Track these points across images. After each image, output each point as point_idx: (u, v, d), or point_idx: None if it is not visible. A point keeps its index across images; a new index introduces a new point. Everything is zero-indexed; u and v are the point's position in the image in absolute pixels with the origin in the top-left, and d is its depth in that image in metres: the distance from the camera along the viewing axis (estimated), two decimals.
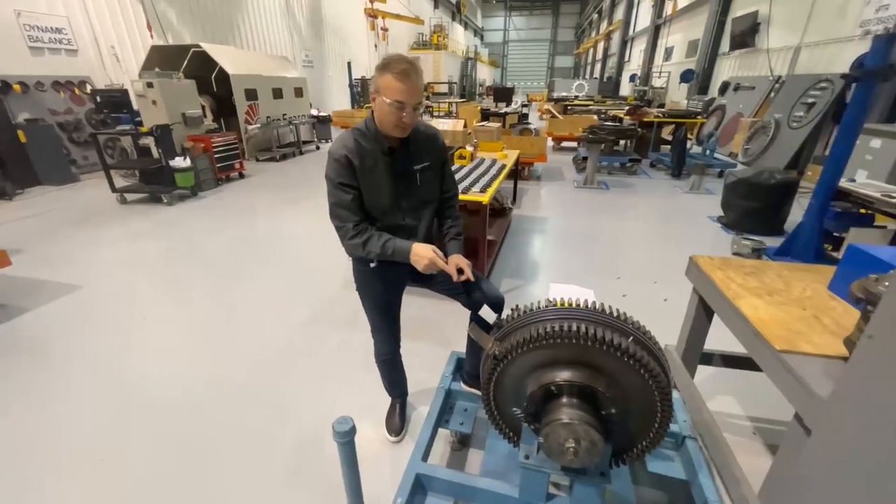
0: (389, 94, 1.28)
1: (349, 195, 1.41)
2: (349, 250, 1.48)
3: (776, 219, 4.47)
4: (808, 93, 7.17)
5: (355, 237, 1.43)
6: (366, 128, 1.42)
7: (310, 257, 3.94)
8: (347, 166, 1.38)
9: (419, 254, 1.43)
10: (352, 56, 15.02)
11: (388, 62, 1.29)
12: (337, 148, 1.38)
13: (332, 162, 1.38)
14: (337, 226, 1.45)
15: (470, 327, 1.27)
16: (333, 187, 1.39)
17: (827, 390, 0.98)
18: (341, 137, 1.41)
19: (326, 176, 1.40)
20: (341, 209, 1.42)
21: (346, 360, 2.46)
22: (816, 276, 1.59)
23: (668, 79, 15.15)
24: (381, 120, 1.37)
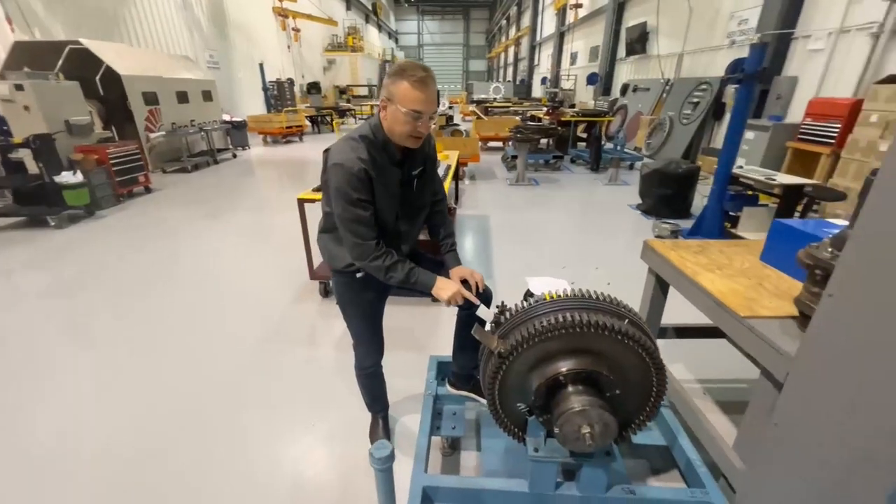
0: (405, 103, 1.22)
1: (367, 211, 1.31)
2: (367, 269, 1.39)
3: (684, 203, 5.07)
4: (693, 94, 8.27)
5: (377, 259, 1.34)
6: (374, 136, 1.31)
7: (245, 275, 3.60)
8: (366, 180, 1.28)
9: (444, 287, 1.40)
10: (263, 57, 14.05)
11: (404, 69, 1.21)
12: (350, 160, 1.25)
13: (346, 175, 1.25)
14: (354, 243, 1.33)
15: (474, 329, 1.25)
16: (350, 203, 1.27)
17: (793, 347, 1.13)
18: (349, 146, 1.29)
19: (338, 190, 1.27)
20: (361, 226, 1.31)
21: (313, 378, 2.29)
22: (747, 249, 1.82)
23: (576, 81, 16.46)
24: (392, 129, 1.29)
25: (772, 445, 1.18)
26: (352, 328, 1.61)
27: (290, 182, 7.11)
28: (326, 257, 1.51)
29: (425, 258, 1.63)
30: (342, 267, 1.46)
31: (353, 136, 1.32)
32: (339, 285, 1.53)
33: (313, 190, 2.95)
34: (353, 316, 1.58)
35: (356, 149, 1.28)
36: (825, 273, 1.11)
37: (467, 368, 1.68)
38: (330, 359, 2.46)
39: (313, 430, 1.95)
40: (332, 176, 1.28)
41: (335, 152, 1.30)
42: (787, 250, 1.59)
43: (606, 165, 7.58)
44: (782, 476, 1.16)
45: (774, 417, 1.17)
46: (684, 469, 1.49)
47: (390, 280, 1.37)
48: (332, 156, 1.29)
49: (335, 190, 1.28)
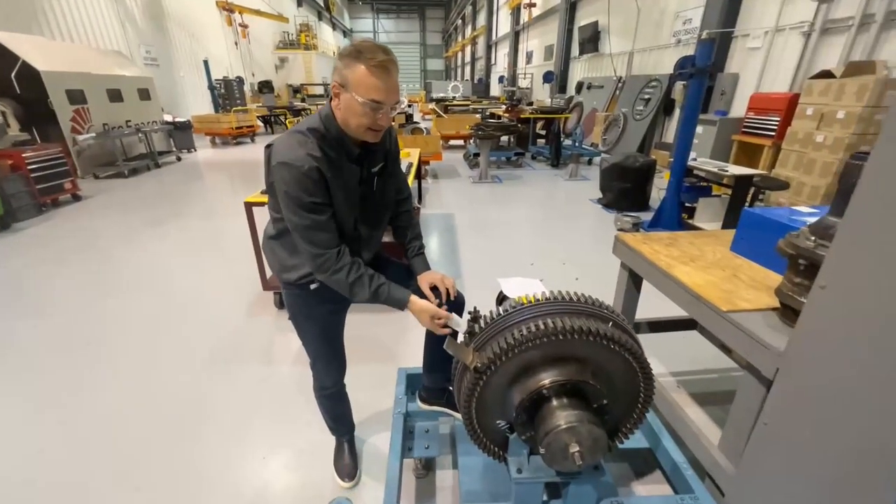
0: (363, 92, 1.04)
1: (325, 214, 1.13)
2: (328, 283, 1.20)
3: (642, 196, 5.19)
4: (644, 90, 8.56)
5: (339, 272, 1.15)
6: (325, 130, 1.12)
7: (191, 288, 3.27)
8: (319, 181, 1.09)
9: (421, 309, 1.23)
10: (208, 54, 13.20)
11: (360, 50, 1.02)
12: (299, 157, 1.06)
13: (296, 176, 1.06)
14: (314, 253, 1.14)
15: (447, 342, 1.11)
16: (302, 207, 1.09)
17: (780, 341, 1.08)
18: (297, 142, 1.09)
19: (288, 194, 1.08)
20: (318, 232, 1.13)
21: (270, 400, 2.07)
22: (717, 240, 1.80)
23: (532, 80, 16.73)
24: (347, 121, 1.10)
25: (762, 445, 1.13)
26: (308, 346, 1.42)
27: (241, 185, 6.67)
28: (276, 268, 1.32)
29: (390, 263, 1.47)
30: (295, 279, 1.27)
31: (301, 130, 1.12)
32: (291, 299, 1.35)
33: (262, 192, 2.70)
34: (308, 332, 1.39)
35: (305, 144, 1.09)
36: (809, 262, 1.06)
37: (440, 382, 1.54)
38: (288, 376, 2.24)
39: (271, 459, 1.74)
40: (277, 177, 1.08)
41: (280, 149, 1.09)
42: (757, 239, 1.57)
43: (566, 161, 7.69)
44: (774, 476, 1.11)
45: (763, 416, 1.11)
46: (670, 473, 1.42)
47: (355, 297, 1.19)
48: (277, 153, 1.09)
49: (284, 194, 1.09)
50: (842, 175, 1.05)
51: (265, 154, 1.15)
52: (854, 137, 4.18)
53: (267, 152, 1.14)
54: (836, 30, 4.94)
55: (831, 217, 1.07)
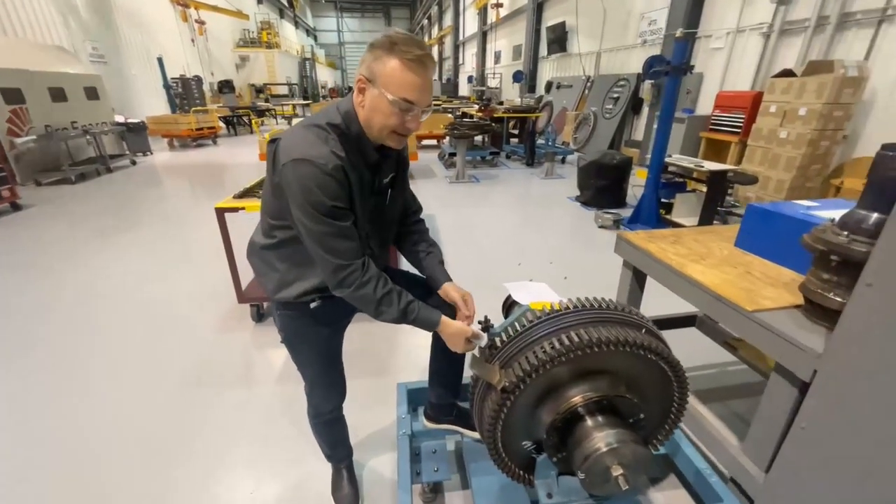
0: (394, 89, 0.91)
1: (348, 220, 0.98)
2: (351, 300, 1.04)
3: (620, 193, 5.26)
4: (613, 89, 8.75)
5: (366, 285, 1.00)
6: (347, 129, 0.98)
7: (157, 303, 2.99)
8: (344, 183, 0.95)
9: (455, 332, 1.09)
10: (162, 51, 12.42)
11: (394, 41, 0.90)
12: (322, 155, 0.92)
13: (318, 175, 0.91)
14: (336, 265, 0.99)
15: (472, 362, 0.99)
16: (326, 214, 0.94)
17: (816, 342, 1.03)
18: (317, 137, 0.95)
19: (307, 196, 0.92)
20: (342, 240, 0.98)
21: (253, 426, 1.88)
22: (718, 236, 1.78)
23: (501, 79, 16.83)
24: (370, 121, 0.97)
25: (798, 450, 1.08)
26: (305, 371, 1.27)
27: (204, 191, 6.28)
28: (271, 284, 1.13)
29: (398, 275, 1.34)
30: (294, 297, 1.11)
31: (319, 124, 0.97)
32: (286, 320, 1.18)
33: (235, 196, 2.48)
34: (306, 356, 1.24)
35: (327, 140, 0.95)
36: (842, 259, 1.02)
37: (448, 398, 1.43)
38: (271, 397, 2.06)
39: (261, 494, 1.57)
40: (292, 177, 0.92)
41: (294, 145, 0.94)
42: (763, 235, 1.55)
43: (541, 160, 7.73)
44: (811, 483, 1.06)
45: (800, 420, 1.06)
46: (693, 480, 1.37)
47: (381, 315, 1.04)
48: (290, 148, 0.93)
49: (300, 197, 0.92)
50: (873, 167, 1.01)
51: (269, 150, 1.00)
52: (815, 133, 4.38)
53: (272, 148, 0.98)
54: (793, 31, 5.18)
55: (861, 210, 1.03)
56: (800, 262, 1.39)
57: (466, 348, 1.09)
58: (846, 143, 4.62)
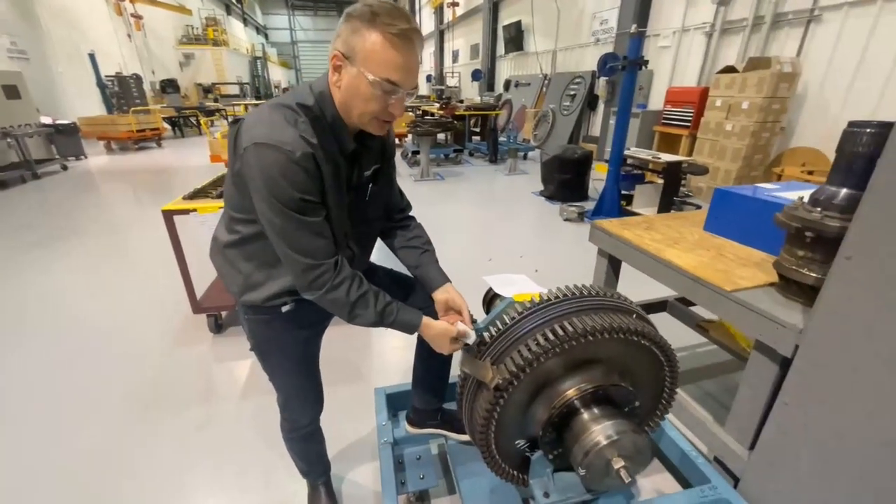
0: (375, 68, 0.80)
1: (319, 216, 0.87)
2: (322, 303, 0.93)
3: (582, 186, 5.38)
4: (569, 87, 8.97)
5: (339, 288, 0.90)
6: (320, 112, 0.87)
7: (99, 318, 2.70)
8: (314, 172, 0.84)
9: (438, 334, 0.99)
10: (94, 47, 11.43)
11: (376, 12, 0.78)
12: (288, 139, 0.80)
13: (284, 163, 0.79)
14: (305, 265, 0.88)
15: (462, 361, 0.93)
16: (293, 208, 0.83)
17: (796, 318, 1.05)
18: (284, 119, 0.82)
19: (272, 186, 0.81)
20: (311, 237, 0.87)
21: (215, 448, 1.71)
22: (687, 221, 1.82)
23: (460, 78, 16.89)
24: (348, 104, 0.86)
25: (782, 425, 1.10)
26: (279, 382, 1.15)
27: (149, 196, 5.82)
28: (236, 286, 1.01)
29: (379, 272, 1.24)
30: (263, 300, 0.99)
31: (287, 104, 0.85)
32: (255, 326, 1.06)
33: (185, 198, 2.28)
34: (280, 365, 1.12)
35: (296, 123, 0.83)
36: (816, 234, 1.04)
37: (433, 402, 1.35)
38: (235, 415, 1.89)
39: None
40: (254, 164, 0.80)
41: (257, 126, 0.82)
42: (731, 218, 1.59)
43: (504, 157, 7.80)
44: (797, 457, 1.08)
45: (783, 396, 1.08)
46: (678, 462, 1.37)
47: (356, 319, 0.94)
48: (252, 132, 0.81)
49: (264, 188, 0.81)
50: (840, 145, 1.04)
51: (230, 133, 0.87)
52: (757, 125, 4.67)
53: (234, 130, 0.86)
54: (733, 30, 5.51)
55: (831, 187, 1.06)
56: (768, 242, 1.44)
57: (453, 349, 1.01)
58: (783, 135, 4.97)
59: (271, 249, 0.90)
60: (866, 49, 4.08)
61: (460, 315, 1.06)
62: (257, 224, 0.89)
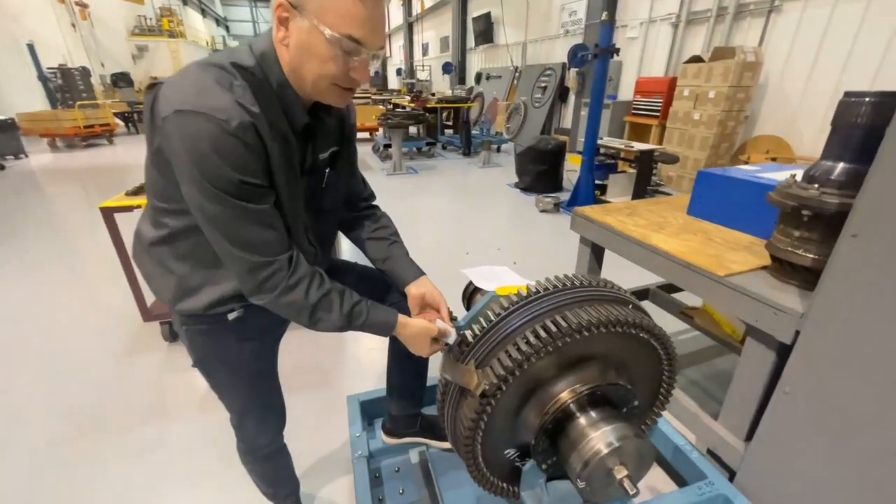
0: (335, 22, 0.64)
1: (266, 203, 0.72)
2: (275, 309, 0.78)
3: (556, 177, 5.36)
4: (540, 79, 8.97)
5: (295, 289, 0.76)
6: (263, 76, 0.70)
7: (31, 333, 2.42)
8: (257, 148, 0.68)
9: (416, 333, 0.87)
10: (33, 37, 10.55)
11: None
12: (221, 105, 0.64)
13: (216, 135, 0.63)
14: (252, 263, 0.73)
15: (443, 365, 0.81)
16: (229, 191, 0.67)
17: (795, 302, 0.98)
18: (215, 80, 0.66)
19: (200, 166, 0.65)
20: (257, 230, 0.72)
21: (169, 470, 1.53)
22: (670, 206, 1.76)
23: (431, 71, 16.68)
24: (300, 66, 0.70)
25: (782, 416, 1.04)
26: (229, 401, 0.99)
27: (98, 196, 5.35)
28: (167, 292, 0.84)
29: (345, 269, 1.10)
30: (203, 308, 0.83)
31: (218, 63, 0.68)
32: (196, 338, 0.89)
33: (128, 193, 2.05)
34: (230, 382, 0.96)
35: (230, 86, 0.66)
36: (814, 213, 0.98)
37: (410, 408, 1.23)
38: (193, 430, 1.71)
39: None
40: (177, 137, 0.64)
41: (181, 88, 0.65)
42: (716, 200, 1.54)
43: (478, 149, 7.72)
44: (800, 448, 1.02)
45: (784, 384, 1.02)
46: (671, 458, 1.31)
47: (319, 324, 0.80)
48: (175, 95, 0.65)
49: (193, 167, 0.65)
50: (836, 116, 0.98)
51: (146, 101, 0.70)
52: (723, 114, 4.76)
53: (150, 97, 0.69)
54: (698, 20, 5.60)
55: (827, 162, 1.00)
56: (755, 224, 1.39)
57: (433, 350, 0.89)
58: (747, 124, 5.09)
59: (210, 245, 0.75)
60: (824, 38, 4.20)
61: (439, 312, 0.94)
62: (189, 215, 0.73)
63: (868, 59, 3.88)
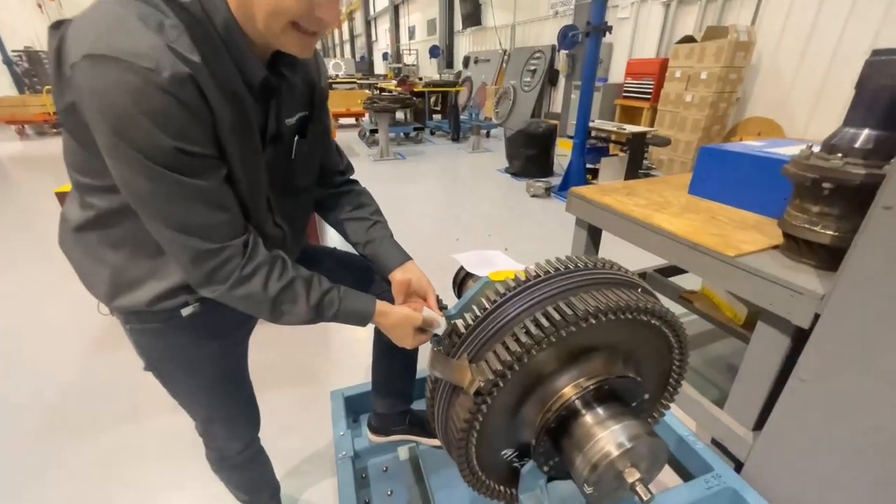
0: None
1: (214, 177, 0.60)
2: (229, 301, 0.66)
3: (547, 162, 5.25)
4: (529, 62, 8.79)
5: (251, 280, 0.64)
6: (205, 16, 0.56)
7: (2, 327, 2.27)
8: (198, 106, 0.55)
9: (397, 323, 0.77)
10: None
11: None
12: (147, 48, 0.50)
13: (141, 88, 0.50)
14: (196, 252, 0.61)
15: (431, 362, 0.71)
16: (166, 160, 0.54)
17: (815, 284, 0.91)
18: (140, 20, 0.51)
19: (122, 130, 0.51)
20: (202, 210, 0.59)
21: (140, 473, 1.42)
22: (669, 185, 1.68)
23: (418, 56, 16.30)
24: (251, 3, 0.56)
25: (797, 405, 0.97)
26: (193, 406, 0.88)
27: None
28: (103, 287, 0.71)
29: (321, 254, 0.99)
30: (148, 303, 0.71)
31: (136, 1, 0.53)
32: (143, 339, 0.77)
33: None
34: (189, 387, 0.84)
35: (162, 28, 0.52)
36: (837, 185, 0.89)
37: (398, 405, 1.13)
38: (166, 430, 1.60)
39: None
40: (89, 90, 0.50)
41: (93, 27, 0.51)
42: (720, 178, 1.45)
43: (466, 135, 7.56)
44: (816, 439, 0.96)
45: (800, 372, 0.95)
46: (675, 449, 1.24)
47: (283, 318, 0.69)
48: (86, 36, 0.50)
49: (112, 129, 0.52)
50: (862, 78, 0.89)
51: (49, 43, 0.55)
52: (715, 95, 4.69)
53: (56, 38, 0.54)
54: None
55: (850, 129, 0.91)
56: (762, 202, 1.31)
57: (418, 342, 0.80)
58: (738, 106, 5.03)
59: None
60: (818, 16, 4.13)
61: (426, 301, 0.84)
62: (120, 193, 0.60)
63: (862, 36, 3.82)
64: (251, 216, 0.69)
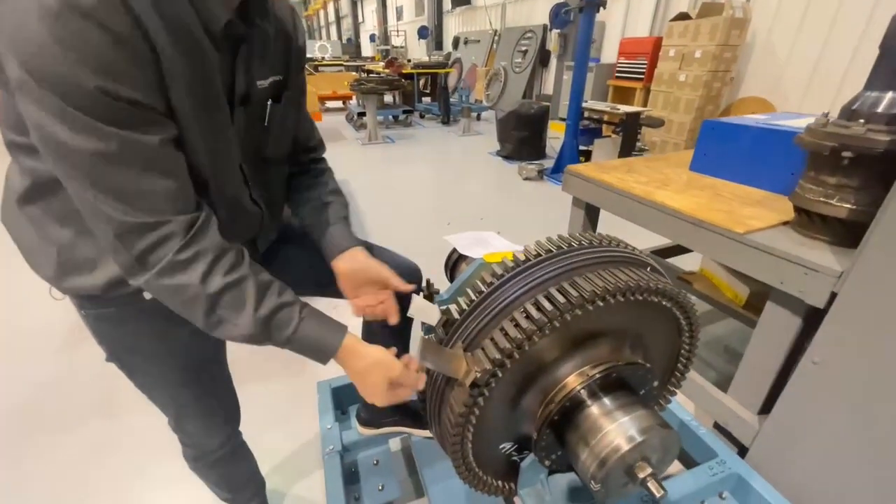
0: None
1: (153, 133, 0.49)
2: (155, 292, 0.55)
3: (540, 144, 5.16)
4: (520, 42, 8.60)
5: (183, 269, 0.52)
6: None
7: None
8: (131, 39, 0.45)
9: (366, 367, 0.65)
10: None
11: None
12: None
13: (57, 12, 0.40)
14: (128, 225, 0.50)
15: (420, 350, 0.63)
16: (91, 106, 0.44)
17: (830, 260, 0.85)
18: None
19: (41, 65, 0.41)
20: (137, 174, 0.49)
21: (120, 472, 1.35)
22: (669, 163, 1.61)
23: (406, 37, 15.89)
24: None
25: (808, 389, 0.93)
26: (159, 398, 0.80)
27: None
28: (50, 268, 0.62)
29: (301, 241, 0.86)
30: (102, 287, 0.61)
31: None
32: (102, 326, 0.69)
33: None
34: (156, 378, 0.76)
35: None
36: (857, 154, 0.83)
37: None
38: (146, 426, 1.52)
39: None
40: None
41: None
42: (723, 153, 1.39)
43: (457, 117, 7.41)
44: (829, 425, 0.91)
45: (813, 353, 0.90)
46: None
47: (219, 327, 0.56)
48: None
49: (20, 62, 0.42)
50: (888, 36, 0.81)
51: None
52: (709, 75, 4.61)
53: None
54: None
55: (872, 93, 0.85)
56: (768, 177, 1.25)
57: (392, 398, 0.68)
58: (732, 85, 4.97)
59: None
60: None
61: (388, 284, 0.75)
62: None
63: (857, 12, 3.75)
64: (223, 190, 0.60)
